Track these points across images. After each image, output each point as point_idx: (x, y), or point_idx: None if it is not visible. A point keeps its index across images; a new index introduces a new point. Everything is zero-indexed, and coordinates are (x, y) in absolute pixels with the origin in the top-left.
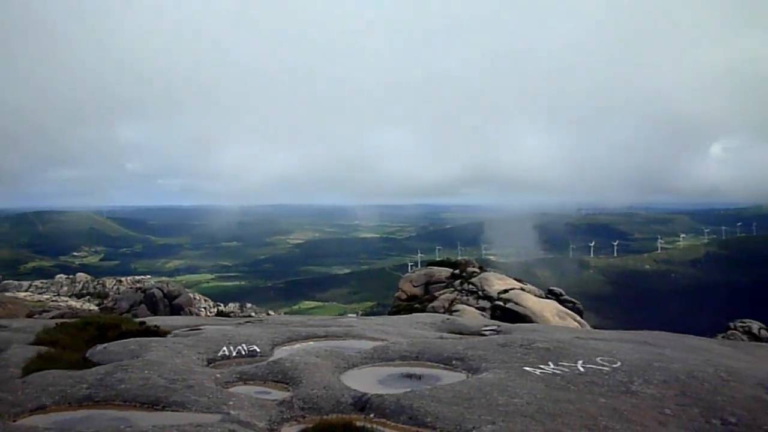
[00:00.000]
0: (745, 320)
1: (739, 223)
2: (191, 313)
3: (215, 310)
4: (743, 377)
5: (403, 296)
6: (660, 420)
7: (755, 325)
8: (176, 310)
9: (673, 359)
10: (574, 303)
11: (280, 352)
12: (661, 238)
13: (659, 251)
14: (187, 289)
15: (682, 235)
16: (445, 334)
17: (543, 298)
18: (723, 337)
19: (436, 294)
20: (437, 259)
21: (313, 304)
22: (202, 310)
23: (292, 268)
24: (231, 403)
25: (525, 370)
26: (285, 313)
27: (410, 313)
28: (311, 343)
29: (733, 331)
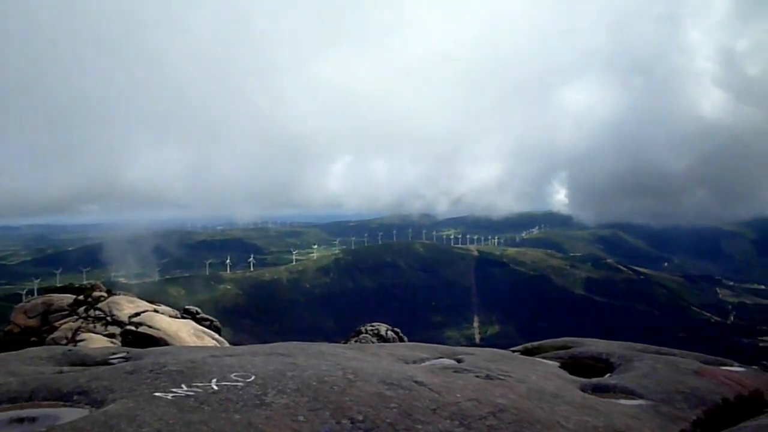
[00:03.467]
0: (374, 323)
1: (366, 234)
2: None
3: None
4: (367, 376)
5: (16, 329)
6: (294, 428)
7: (383, 328)
8: None
9: (306, 367)
10: (211, 321)
11: None
12: (295, 251)
13: (294, 263)
14: None
15: (315, 247)
16: (65, 368)
17: (178, 318)
18: (355, 341)
19: (57, 324)
20: (58, 285)
21: None
22: None
23: None
24: None
25: (155, 395)
26: None
27: (25, 347)
28: None
29: (365, 335)
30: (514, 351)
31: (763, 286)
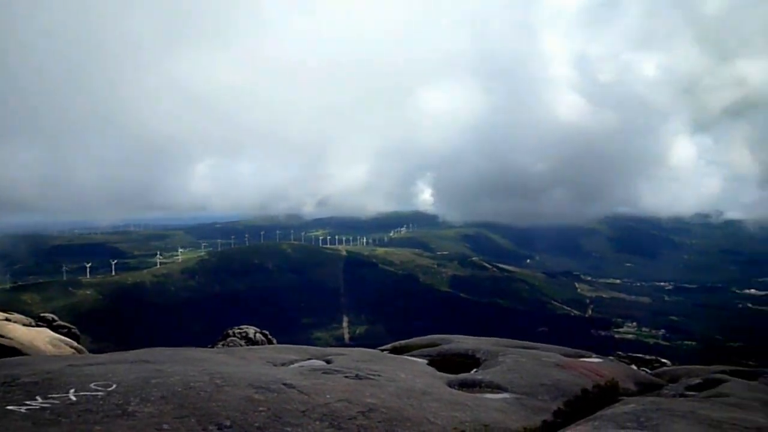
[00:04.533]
0: (242, 326)
1: (233, 236)
2: None
3: None
4: (236, 380)
5: None
6: None
7: (251, 330)
8: None
9: (171, 373)
10: (70, 328)
11: None
12: (160, 254)
13: (159, 267)
14: None
15: (180, 250)
16: None
17: (33, 326)
18: (223, 344)
19: None
20: None
21: None
22: None
23: None
24: None
25: (8, 409)
26: None
27: None
28: None
29: (233, 338)
30: (383, 350)
31: (618, 281)
